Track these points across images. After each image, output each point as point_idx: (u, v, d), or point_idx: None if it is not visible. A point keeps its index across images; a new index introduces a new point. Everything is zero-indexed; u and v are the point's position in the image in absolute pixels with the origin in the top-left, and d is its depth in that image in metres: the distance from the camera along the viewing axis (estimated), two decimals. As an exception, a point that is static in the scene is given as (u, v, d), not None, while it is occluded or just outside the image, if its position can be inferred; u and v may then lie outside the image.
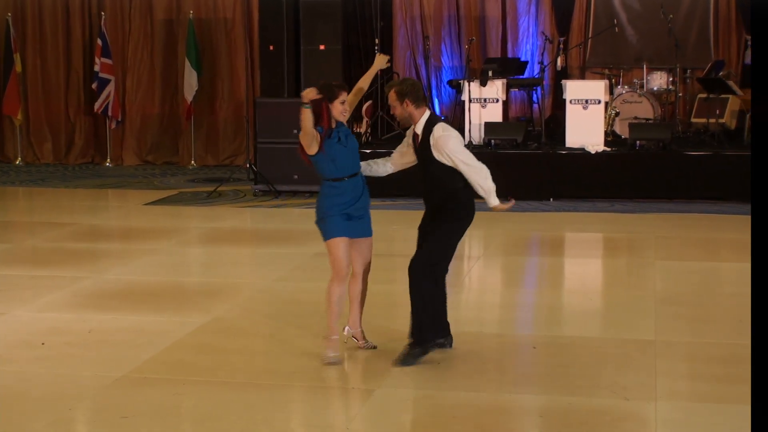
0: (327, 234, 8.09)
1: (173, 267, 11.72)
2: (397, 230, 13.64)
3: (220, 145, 20.01)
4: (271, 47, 16.29)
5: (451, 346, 8.21)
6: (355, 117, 16.77)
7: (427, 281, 7.87)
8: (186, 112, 19.44)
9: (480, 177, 7.87)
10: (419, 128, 7.98)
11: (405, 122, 8.10)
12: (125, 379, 7.64)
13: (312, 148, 7.93)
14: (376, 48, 16.86)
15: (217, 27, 19.91)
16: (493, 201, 7.91)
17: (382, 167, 8.55)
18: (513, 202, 8.15)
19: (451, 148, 7.83)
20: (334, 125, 7.93)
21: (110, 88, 19.61)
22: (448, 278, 8.14)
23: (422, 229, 8.28)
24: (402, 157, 8.39)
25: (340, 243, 7.97)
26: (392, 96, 8.01)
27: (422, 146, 7.97)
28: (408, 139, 8.20)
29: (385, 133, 17.15)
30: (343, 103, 7.88)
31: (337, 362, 7.89)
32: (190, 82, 19.17)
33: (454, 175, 7.89)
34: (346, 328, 8.26)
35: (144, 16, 20.13)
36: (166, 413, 7.01)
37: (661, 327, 9.02)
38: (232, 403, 7.14)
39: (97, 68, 19.60)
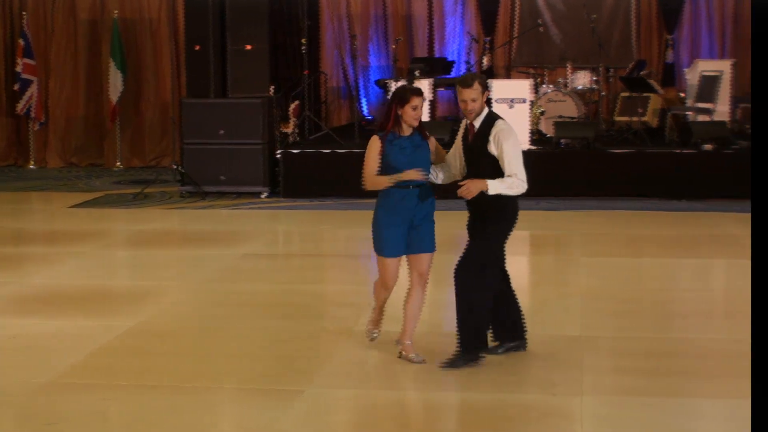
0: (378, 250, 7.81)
1: (99, 270, 11.61)
2: (326, 230, 13.64)
3: (146, 147, 19.85)
4: (197, 47, 16.16)
5: (524, 348, 8.13)
6: (282, 117, 16.74)
7: (474, 284, 7.73)
8: (111, 113, 19.27)
9: (514, 182, 7.60)
10: (478, 122, 7.70)
11: (473, 117, 7.74)
12: (51, 385, 7.54)
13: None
14: (302, 48, 16.81)
15: (142, 27, 19.74)
16: (494, 187, 7.61)
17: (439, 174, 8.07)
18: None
19: (510, 143, 7.59)
20: (399, 131, 7.68)
21: (33, 89, 19.37)
22: (374, 278, 8.11)
23: (470, 229, 8.02)
24: (456, 160, 7.99)
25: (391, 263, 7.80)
26: (477, 88, 7.64)
27: (479, 139, 7.69)
28: (460, 135, 7.93)
29: (313, 134, 17.11)
30: (415, 108, 7.61)
31: (422, 361, 7.75)
32: (115, 82, 19.00)
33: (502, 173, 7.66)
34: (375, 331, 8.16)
35: (67, 15, 19.89)
36: (93, 419, 6.94)
37: (587, 323, 9.09)
38: (160, 407, 7.09)
39: (19, 69, 19.35)
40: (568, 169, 15.76)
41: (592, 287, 10.44)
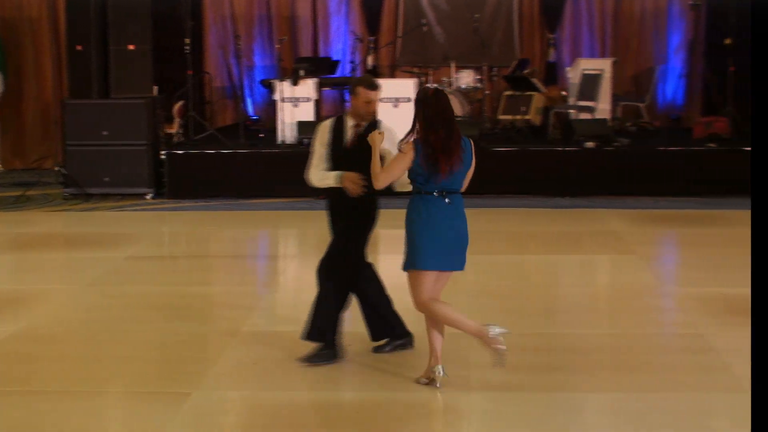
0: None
1: (-19, 274, 11.43)
2: (212, 231, 13.58)
3: (27, 148, 19.49)
4: (79, 47, 15.97)
5: (411, 346, 8.14)
6: (166, 118, 16.61)
7: (324, 282, 7.88)
8: (-9, 114, 18.96)
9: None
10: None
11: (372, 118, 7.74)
12: (-67, 391, 7.42)
13: None
14: (186, 48, 16.68)
15: (22, 26, 19.37)
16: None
17: None
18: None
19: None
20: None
21: None
22: (264, 278, 8.11)
23: (334, 228, 7.98)
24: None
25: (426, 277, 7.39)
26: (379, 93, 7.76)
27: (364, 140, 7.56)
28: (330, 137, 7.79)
29: (198, 134, 17.00)
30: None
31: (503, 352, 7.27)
32: (-5, 83, 18.70)
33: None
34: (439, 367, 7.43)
35: (-55, 16, 19.52)
36: (-23, 424, 6.85)
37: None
38: (46, 412, 7.00)
39: None
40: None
41: (478, 284, 10.52)
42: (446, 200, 7.22)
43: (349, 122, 7.74)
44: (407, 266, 7.29)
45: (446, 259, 7.32)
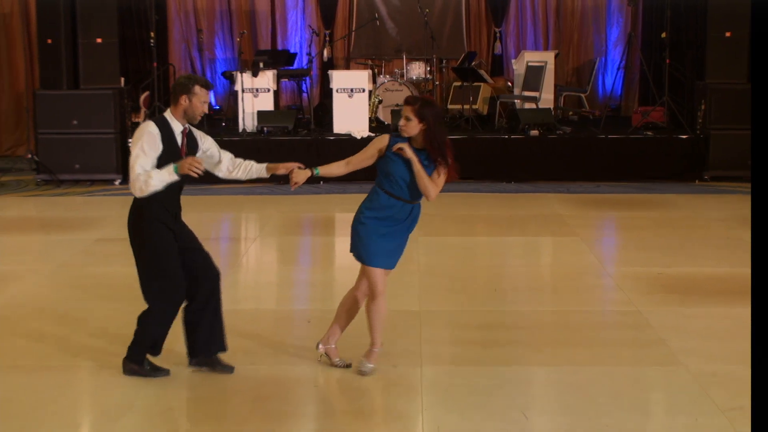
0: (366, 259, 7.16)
1: (-43, 256, 11.34)
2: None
3: (1, 137, 19.35)
4: (49, 41, 15.92)
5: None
6: (133, 107, 16.52)
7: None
8: (-34, 104, 18.79)
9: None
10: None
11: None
12: None
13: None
14: (151, 41, 16.61)
15: (-6, 21, 19.27)
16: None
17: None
18: None
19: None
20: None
21: None
22: (227, 259, 8.08)
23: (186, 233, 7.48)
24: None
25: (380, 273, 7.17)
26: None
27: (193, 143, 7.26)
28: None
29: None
30: (404, 118, 7.11)
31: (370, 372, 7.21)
32: (-30, 75, 18.54)
33: None
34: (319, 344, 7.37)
35: None
36: (-46, 399, 6.80)
37: (424, 298, 9.21)
38: (20, 386, 6.98)
39: None
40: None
41: (429, 265, 10.56)
42: None
43: (177, 126, 7.04)
44: None
45: None
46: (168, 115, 7.03)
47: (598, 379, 7.07)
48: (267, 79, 16.65)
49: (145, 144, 6.87)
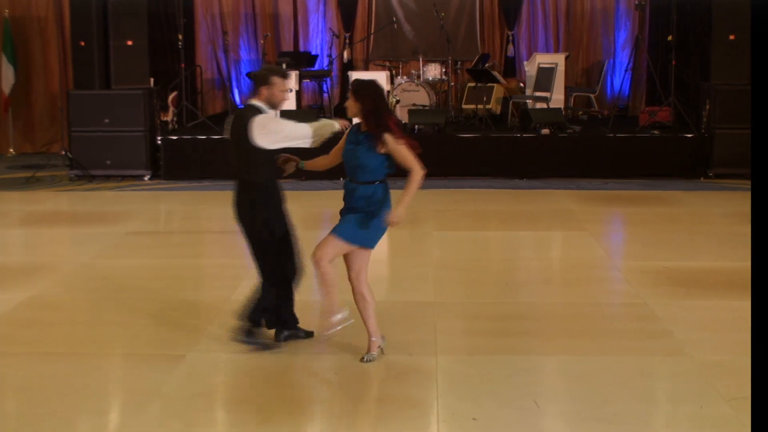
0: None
1: (-6, 248, 11.37)
2: (204, 209, 13.55)
3: (36, 134, 19.43)
4: (82, 43, 15.97)
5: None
6: (162, 106, 16.53)
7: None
8: (4, 103, 18.78)
9: None
10: None
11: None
12: (-49, 354, 7.38)
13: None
14: (179, 43, 16.63)
15: (31, 25, 19.29)
16: None
17: None
18: None
19: None
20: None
21: (-69, 82, 18.79)
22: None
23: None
24: None
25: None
26: None
27: None
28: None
29: (190, 122, 16.98)
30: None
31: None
32: (7, 76, 18.51)
33: None
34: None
35: (-40, 15, 19.35)
36: (-10, 384, 6.82)
37: (439, 290, 9.18)
38: (53, 372, 6.98)
39: None
40: (421, 152, 15.83)
41: (443, 258, 10.54)
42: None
43: (270, 112, 7.28)
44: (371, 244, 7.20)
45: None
46: (256, 102, 7.27)
47: (606, 368, 7.03)
48: (290, 80, 16.61)
49: (278, 120, 7.25)
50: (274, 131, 7.16)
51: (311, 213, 12.84)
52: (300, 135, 7.24)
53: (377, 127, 6.95)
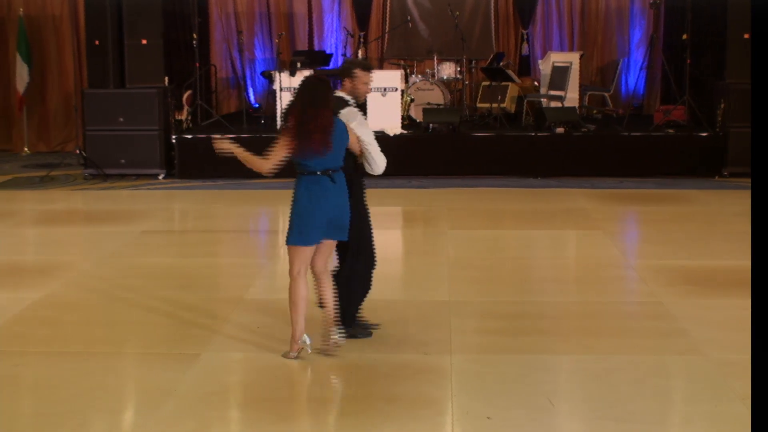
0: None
1: (9, 247, 11.36)
2: (218, 208, 13.55)
3: (51, 133, 19.48)
4: (97, 42, 15.98)
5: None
6: (176, 105, 16.55)
7: None
8: (18, 102, 18.84)
9: None
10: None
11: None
12: (-34, 353, 7.39)
13: None
14: (193, 42, 16.66)
15: (45, 24, 19.34)
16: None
17: None
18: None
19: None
20: None
21: (-54, 81, 18.88)
22: (265, 251, 8.06)
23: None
24: None
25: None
26: None
27: None
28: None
29: (204, 120, 17.00)
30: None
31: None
32: (22, 74, 18.57)
33: None
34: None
35: (-24, 14, 19.42)
36: (5, 382, 6.82)
37: (454, 289, 9.17)
38: (68, 371, 6.99)
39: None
40: (435, 150, 15.86)
41: (458, 257, 10.52)
42: (332, 180, 7.00)
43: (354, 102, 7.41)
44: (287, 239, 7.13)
45: (328, 232, 7.07)
46: (341, 94, 7.35)
47: (622, 367, 7.01)
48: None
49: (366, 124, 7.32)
50: (364, 132, 7.26)
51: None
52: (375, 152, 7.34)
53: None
